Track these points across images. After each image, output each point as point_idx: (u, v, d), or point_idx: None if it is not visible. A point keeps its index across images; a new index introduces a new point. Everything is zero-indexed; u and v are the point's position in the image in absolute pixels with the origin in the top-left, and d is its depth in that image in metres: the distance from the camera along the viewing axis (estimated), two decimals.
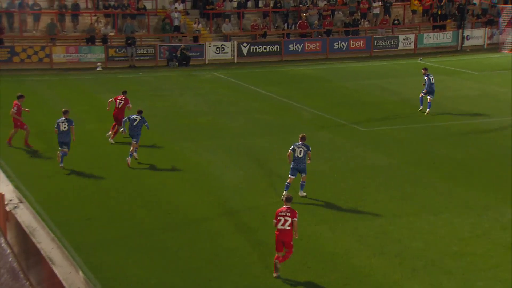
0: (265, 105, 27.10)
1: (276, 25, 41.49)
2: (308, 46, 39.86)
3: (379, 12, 41.95)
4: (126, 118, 19.82)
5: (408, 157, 19.65)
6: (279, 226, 12.73)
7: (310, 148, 16.37)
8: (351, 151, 20.40)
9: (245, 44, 38.79)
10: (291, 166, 16.35)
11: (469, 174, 18.05)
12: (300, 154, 16.35)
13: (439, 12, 42.03)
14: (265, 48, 39.27)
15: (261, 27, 40.23)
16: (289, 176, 16.35)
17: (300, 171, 16.41)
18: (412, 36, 40.86)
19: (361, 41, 40.47)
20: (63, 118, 18.70)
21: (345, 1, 42.49)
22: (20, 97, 20.68)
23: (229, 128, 23.32)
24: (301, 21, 40.77)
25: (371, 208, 15.48)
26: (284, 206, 12.88)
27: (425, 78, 25.16)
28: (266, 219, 15.27)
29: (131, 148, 19.25)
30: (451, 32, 41.31)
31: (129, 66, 36.13)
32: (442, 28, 42.02)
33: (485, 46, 41.16)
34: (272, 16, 41.40)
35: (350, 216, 15.39)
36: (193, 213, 15.74)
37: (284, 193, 16.04)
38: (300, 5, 41.72)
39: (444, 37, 41.10)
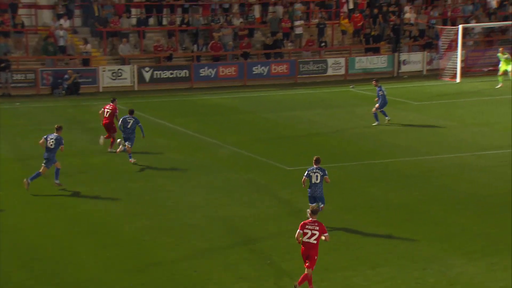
0: (173, 141, 26.99)
1: (184, 46, 41.64)
2: (223, 71, 40.16)
3: (302, 32, 42.88)
4: (120, 122, 23.39)
5: (341, 201, 19.93)
6: (305, 239, 13.93)
7: (327, 172, 17.58)
8: (276, 194, 20.54)
9: (147, 69, 38.71)
10: (308, 194, 17.65)
11: (410, 220, 18.46)
12: (316, 180, 17.55)
13: (372, 33, 43.41)
14: (171, 73, 39.29)
15: (166, 48, 40.28)
16: (309, 205, 17.40)
17: (317, 199, 17.53)
18: (342, 60, 41.92)
19: (284, 66, 41.16)
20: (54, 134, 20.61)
21: (264, 20, 43.22)
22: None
23: (129, 169, 23.02)
24: (213, 41, 41.08)
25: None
26: (310, 219, 14.05)
27: (378, 90, 27.60)
28: (174, 277, 15.05)
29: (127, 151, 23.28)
30: (385, 56, 42.65)
31: (2, 95, 35.25)
32: (376, 51, 43.37)
33: (424, 72, 42.68)
34: (179, 35, 41.55)
35: (273, 273, 15.39)
36: (85, 274, 15.33)
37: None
38: (212, 23, 42.10)
39: (378, 62, 42.36)
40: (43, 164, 20.61)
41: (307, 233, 13.95)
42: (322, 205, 17.42)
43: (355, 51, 43.63)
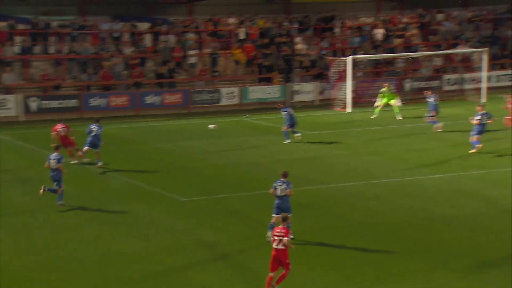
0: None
1: (72, 75, 40.92)
2: (114, 101, 39.69)
3: (195, 61, 42.99)
4: (87, 130, 26.58)
5: (237, 231, 19.91)
6: (274, 246, 15.38)
7: (291, 186, 18.61)
8: (171, 226, 20.32)
9: (33, 99, 37.81)
10: (274, 205, 18.54)
11: (305, 249, 18.58)
12: (282, 193, 18.60)
13: (265, 63, 43.98)
14: (60, 103, 38.50)
15: (54, 77, 39.45)
16: (273, 215, 18.40)
17: (284, 210, 18.32)
18: (236, 90, 42.22)
19: (178, 95, 41.07)
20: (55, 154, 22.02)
21: (156, 49, 43.08)
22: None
23: (14, 203, 22.28)
24: (103, 70, 40.58)
25: None
26: (281, 226, 15.51)
27: (284, 112, 30.42)
28: None
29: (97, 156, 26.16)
30: (278, 86, 43.26)
31: None
32: (269, 81, 43.93)
33: (317, 102, 43.51)
34: (67, 64, 40.81)
35: None
36: None
37: (268, 233, 18.10)
38: (102, 52, 41.60)
39: (271, 92, 42.91)
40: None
41: (275, 239, 15.41)
42: (290, 215, 17.85)
43: (249, 81, 44.05)
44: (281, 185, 18.65)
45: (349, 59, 41.06)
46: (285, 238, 15.33)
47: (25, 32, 41.34)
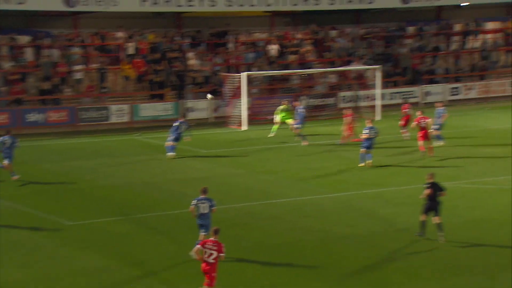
0: None
1: None
2: None
3: (82, 77, 42.02)
4: None
5: (128, 257, 19.37)
6: (204, 258, 15.96)
7: (214, 203, 18.91)
8: (55, 252, 19.70)
9: None
10: (197, 222, 18.94)
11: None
12: (204, 210, 18.85)
13: (156, 79, 43.45)
14: None
15: None
16: (201, 233, 18.77)
17: (207, 226, 18.67)
18: (127, 107, 41.49)
19: (63, 113, 40.05)
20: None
21: (38, 63, 41.83)
22: None
23: None
24: None
25: None
26: (212, 238, 16.04)
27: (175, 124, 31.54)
28: None
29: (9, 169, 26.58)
30: (171, 103, 42.80)
31: None
32: (161, 98, 43.42)
33: (211, 120, 43.27)
34: None
35: None
36: None
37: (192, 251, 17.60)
38: None
39: (163, 109, 42.41)
40: None
41: (205, 252, 16.00)
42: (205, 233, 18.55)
43: (140, 97, 43.41)
44: (203, 202, 18.88)
45: (244, 75, 41.10)
46: (222, 255, 16.00)
47: None
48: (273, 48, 48.18)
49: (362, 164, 30.06)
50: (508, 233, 21.45)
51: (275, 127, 38.14)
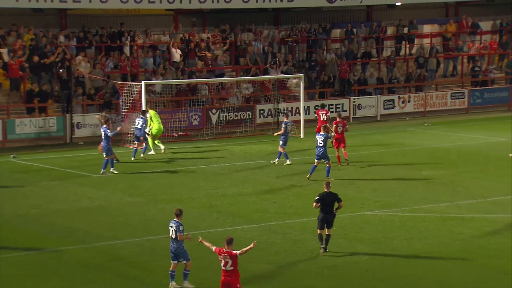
0: None
1: None
2: None
3: None
4: None
5: None
6: (222, 267, 18.34)
7: (181, 229, 20.24)
8: None
9: None
10: (170, 249, 20.36)
11: None
12: (173, 234, 20.30)
13: (36, 89, 42.76)
14: None
15: None
16: (172, 262, 20.40)
17: (177, 255, 20.31)
18: None
19: None
20: None
21: None
22: None
23: None
24: None
25: None
26: (224, 248, 18.51)
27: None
28: None
29: None
30: (54, 117, 42.19)
31: None
32: (42, 111, 42.73)
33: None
34: None
35: None
36: None
37: (171, 283, 20.18)
38: None
39: (46, 125, 41.76)
40: None
41: (221, 261, 18.49)
42: (185, 261, 20.28)
43: (15, 111, 42.59)
44: (171, 226, 20.35)
45: (143, 84, 40.79)
46: (235, 251, 18.57)
47: None
48: (178, 53, 48.15)
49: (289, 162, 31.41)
50: (450, 269, 21.99)
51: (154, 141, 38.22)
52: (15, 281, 20.97)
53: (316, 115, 40.39)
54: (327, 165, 32.35)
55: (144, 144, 37.76)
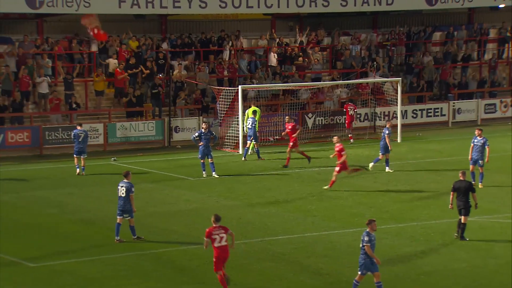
0: None
1: None
2: None
3: (48, 91, 42.04)
4: None
5: None
6: (216, 244, 19.44)
7: (133, 189, 23.40)
8: None
9: None
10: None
11: None
12: (122, 193, 23.20)
13: (136, 94, 43.46)
14: None
15: None
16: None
17: (124, 212, 23.53)
18: (100, 127, 41.47)
19: (25, 133, 39.99)
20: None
21: None
22: None
23: None
24: None
25: None
26: (214, 225, 19.36)
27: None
28: None
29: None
30: (153, 121, 42.80)
31: None
32: (141, 115, 43.42)
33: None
34: None
35: None
36: None
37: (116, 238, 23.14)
38: None
39: (145, 129, 42.40)
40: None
41: (215, 238, 19.47)
42: (130, 217, 23.84)
43: (116, 115, 43.37)
44: (122, 186, 24.54)
45: (240, 89, 41.08)
46: (230, 231, 19.83)
47: None
48: (275, 57, 48.29)
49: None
50: None
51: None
52: (113, 282, 21.32)
53: (344, 109, 43.25)
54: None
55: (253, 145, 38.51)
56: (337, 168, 31.58)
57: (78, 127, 34.97)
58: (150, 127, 42.51)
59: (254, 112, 38.64)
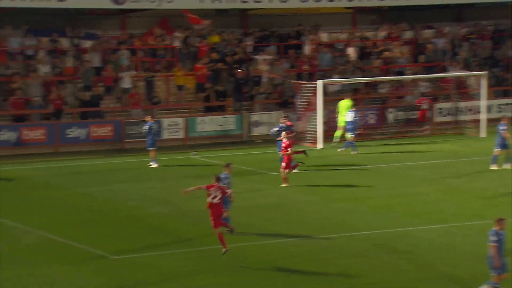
0: None
1: None
2: (27, 135, 39.10)
3: (130, 85, 42.66)
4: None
5: None
6: (209, 200, 21.82)
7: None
8: None
9: None
10: None
11: None
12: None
13: (216, 88, 43.79)
14: None
15: None
16: None
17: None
18: (181, 121, 41.92)
19: (107, 128, 40.64)
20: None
21: (76, 70, 42.54)
22: None
23: None
24: (14, 97, 40.01)
25: None
26: (214, 183, 21.93)
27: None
28: None
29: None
30: (233, 116, 43.07)
31: None
32: (221, 110, 43.74)
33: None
34: None
35: None
36: None
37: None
38: (12, 73, 40.93)
39: (225, 123, 42.70)
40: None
41: (210, 194, 21.69)
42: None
43: (196, 109, 43.79)
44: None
45: (319, 83, 41.07)
46: (229, 191, 22.59)
47: None
48: (355, 51, 48.11)
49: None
50: None
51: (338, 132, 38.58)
52: (196, 276, 21.33)
53: (418, 104, 43.93)
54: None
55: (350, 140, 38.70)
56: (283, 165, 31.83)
57: (148, 119, 36.12)
58: (230, 121, 42.84)
59: (350, 105, 39.32)
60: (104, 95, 42.35)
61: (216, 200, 21.82)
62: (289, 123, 35.22)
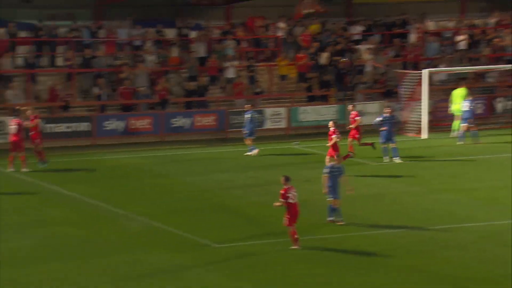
0: (70, 213, 26.63)
1: (84, 92, 41.13)
2: (133, 124, 39.80)
3: (234, 75, 42.99)
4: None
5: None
6: (291, 201, 22.14)
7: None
8: (200, 279, 20.17)
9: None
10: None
11: None
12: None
13: (319, 78, 43.75)
14: (68, 127, 38.75)
15: (62, 95, 39.65)
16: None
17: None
18: (283, 110, 42.05)
19: (211, 117, 41.06)
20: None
21: (182, 60, 43.10)
22: None
23: (9, 253, 22.23)
24: (123, 87, 40.77)
25: None
26: (286, 186, 22.24)
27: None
28: None
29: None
30: (335, 106, 42.97)
31: None
32: (324, 99, 43.67)
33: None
34: (78, 79, 41.06)
35: None
36: None
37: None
38: (120, 64, 41.73)
39: (327, 113, 42.59)
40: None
41: (289, 196, 22.08)
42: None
43: (299, 99, 43.82)
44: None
45: (425, 72, 40.64)
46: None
47: (28, 40, 41.69)
48: (463, 39, 47.34)
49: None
50: None
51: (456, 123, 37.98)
52: (292, 265, 21.36)
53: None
54: None
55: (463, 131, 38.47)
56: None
57: (248, 108, 36.79)
58: (332, 111, 42.74)
59: (465, 94, 38.79)
60: (208, 85, 42.79)
61: (296, 199, 22.19)
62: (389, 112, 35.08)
